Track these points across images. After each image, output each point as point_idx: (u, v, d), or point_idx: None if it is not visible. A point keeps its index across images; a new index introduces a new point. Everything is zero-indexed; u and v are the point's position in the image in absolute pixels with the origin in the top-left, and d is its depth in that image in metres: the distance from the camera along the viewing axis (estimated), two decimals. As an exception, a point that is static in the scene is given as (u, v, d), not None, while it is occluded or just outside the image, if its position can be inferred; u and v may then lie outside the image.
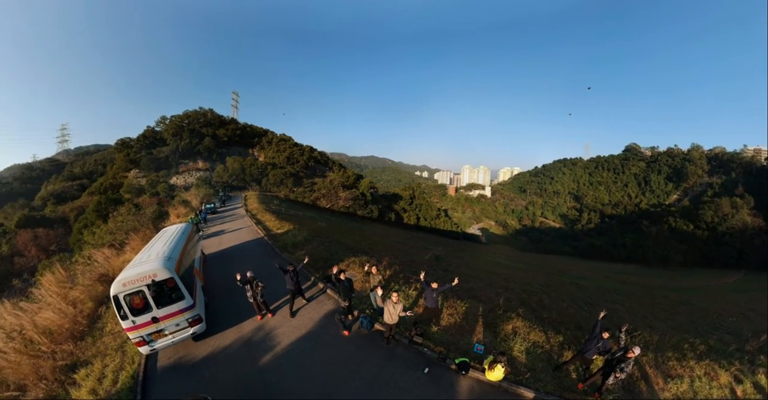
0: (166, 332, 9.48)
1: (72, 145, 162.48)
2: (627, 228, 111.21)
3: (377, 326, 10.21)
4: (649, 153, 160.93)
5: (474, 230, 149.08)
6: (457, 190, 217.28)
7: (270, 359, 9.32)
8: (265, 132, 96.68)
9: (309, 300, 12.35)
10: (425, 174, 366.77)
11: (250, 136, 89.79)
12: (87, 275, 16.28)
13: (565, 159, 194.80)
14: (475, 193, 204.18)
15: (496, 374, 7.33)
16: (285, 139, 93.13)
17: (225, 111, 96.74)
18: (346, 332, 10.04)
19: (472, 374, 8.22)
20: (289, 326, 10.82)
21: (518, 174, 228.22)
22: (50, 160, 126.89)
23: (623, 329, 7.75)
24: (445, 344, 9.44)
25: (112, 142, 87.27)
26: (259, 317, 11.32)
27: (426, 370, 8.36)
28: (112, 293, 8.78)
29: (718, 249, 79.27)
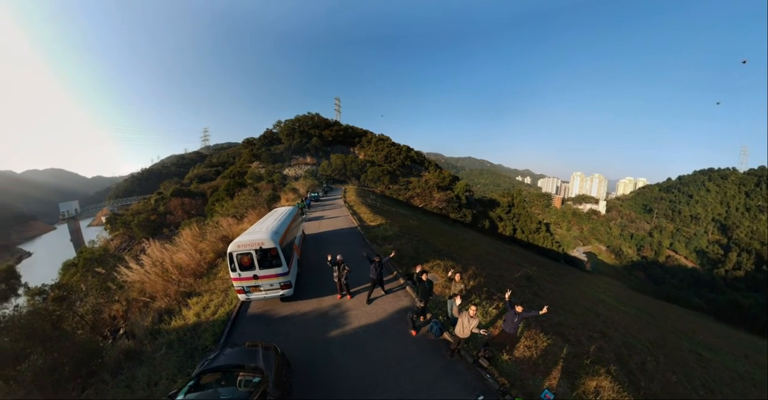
0: (261, 289, 11.61)
1: (211, 143, 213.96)
2: (795, 286, 76.91)
3: (446, 335, 9.70)
4: None
5: (578, 252, 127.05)
6: (563, 201, 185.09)
7: (338, 334, 10.08)
8: (365, 132, 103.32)
9: (387, 292, 12.65)
10: (527, 180, 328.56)
11: (351, 136, 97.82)
12: (213, 234, 21.35)
13: (710, 170, 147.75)
14: (585, 207, 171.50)
15: None
16: (383, 139, 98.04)
17: (329, 114, 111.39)
18: (413, 332, 9.89)
19: (529, 422, 6.98)
20: (363, 310, 11.37)
21: (644, 187, 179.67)
22: (196, 153, 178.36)
23: None
24: (511, 377, 8.22)
25: (240, 140, 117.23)
26: (338, 296, 12.40)
27: (481, 398, 7.40)
28: (228, 250, 11.25)
29: None
